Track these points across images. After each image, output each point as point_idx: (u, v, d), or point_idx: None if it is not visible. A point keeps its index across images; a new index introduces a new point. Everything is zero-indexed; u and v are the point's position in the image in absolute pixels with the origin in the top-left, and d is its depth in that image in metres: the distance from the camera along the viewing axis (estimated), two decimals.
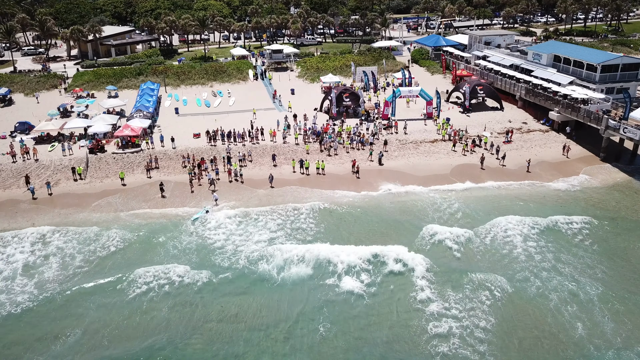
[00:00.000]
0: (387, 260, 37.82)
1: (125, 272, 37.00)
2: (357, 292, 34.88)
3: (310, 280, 36.30)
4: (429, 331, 31.51)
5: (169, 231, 42.63)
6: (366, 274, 36.78)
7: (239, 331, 31.99)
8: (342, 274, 36.67)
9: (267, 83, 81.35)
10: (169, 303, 34.37)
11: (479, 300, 33.99)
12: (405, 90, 66.51)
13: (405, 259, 37.78)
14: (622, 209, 46.24)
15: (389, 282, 36.05)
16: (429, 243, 40.46)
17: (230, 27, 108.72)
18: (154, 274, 36.67)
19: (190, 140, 58.68)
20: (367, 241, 40.60)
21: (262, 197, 48.45)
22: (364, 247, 39.36)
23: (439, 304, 33.64)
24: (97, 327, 32.34)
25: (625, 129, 52.49)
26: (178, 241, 41.21)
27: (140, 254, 39.73)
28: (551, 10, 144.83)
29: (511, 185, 50.61)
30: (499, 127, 63.84)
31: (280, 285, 35.95)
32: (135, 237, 41.74)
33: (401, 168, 54.15)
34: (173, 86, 79.65)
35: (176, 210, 46.27)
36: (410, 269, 36.98)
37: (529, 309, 33.39)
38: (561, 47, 75.06)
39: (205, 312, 33.63)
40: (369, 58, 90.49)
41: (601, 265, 37.84)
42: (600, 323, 32.09)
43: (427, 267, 37.03)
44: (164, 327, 32.31)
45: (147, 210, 46.13)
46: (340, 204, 46.37)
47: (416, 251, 38.84)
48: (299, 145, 57.81)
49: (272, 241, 40.89)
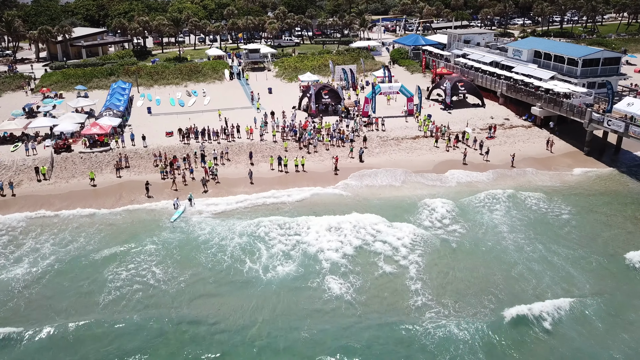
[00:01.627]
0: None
1: (100, 272, 34.99)
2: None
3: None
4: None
5: (148, 229, 40.52)
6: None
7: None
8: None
9: (244, 83, 79.13)
10: (143, 304, 32.02)
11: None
12: (385, 87, 64.90)
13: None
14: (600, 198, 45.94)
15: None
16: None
17: (206, 28, 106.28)
18: (127, 276, 34.42)
19: (162, 139, 56.07)
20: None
21: (238, 195, 46.33)
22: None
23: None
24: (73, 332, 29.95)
25: (609, 122, 51.55)
26: (158, 239, 39.05)
27: (117, 252, 37.54)
28: (527, 14, 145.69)
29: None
30: (481, 123, 62.59)
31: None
32: (111, 235, 39.60)
33: (383, 164, 52.37)
34: (146, 86, 76.88)
35: (154, 205, 44.52)
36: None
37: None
38: (541, 42, 74.53)
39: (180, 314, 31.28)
40: (348, 58, 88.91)
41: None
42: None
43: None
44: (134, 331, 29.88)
45: (124, 208, 44.11)
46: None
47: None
48: (277, 143, 55.64)
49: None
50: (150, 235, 39.48)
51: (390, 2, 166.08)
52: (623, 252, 36.79)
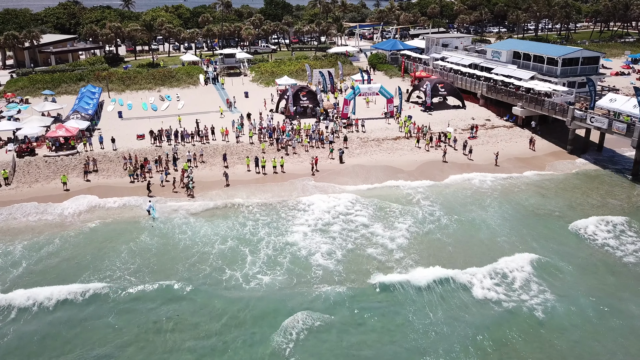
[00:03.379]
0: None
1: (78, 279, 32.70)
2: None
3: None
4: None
5: (124, 234, 38.11)
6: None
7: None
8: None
9: (220, 87, 77.02)
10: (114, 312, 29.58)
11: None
12: (365, 88, 63.41)
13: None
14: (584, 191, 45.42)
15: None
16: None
17: (180, 35, 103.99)
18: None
19: (133, 142, 53.50)
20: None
21: (214, 197, 44.03)
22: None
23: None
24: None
25: (592, 119, 50.76)
26: (135, 245, 36.56)
27: (93, 259, 34.91)
28: (502, 22, 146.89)
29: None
30: (463, 124, 61.50)
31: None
32: (87, 240, 37.16)
33: (365, 165, 50.65)
34: (117, 91, 74.15)
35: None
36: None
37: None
38: (520, 43, 74.22)
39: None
40: (325, 63, 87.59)
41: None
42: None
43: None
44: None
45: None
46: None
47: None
48: (254, 145, 53.54)
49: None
50: (127, 241, 36.92)
51: (366, 12, 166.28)
52: (572, 221, 39.83)
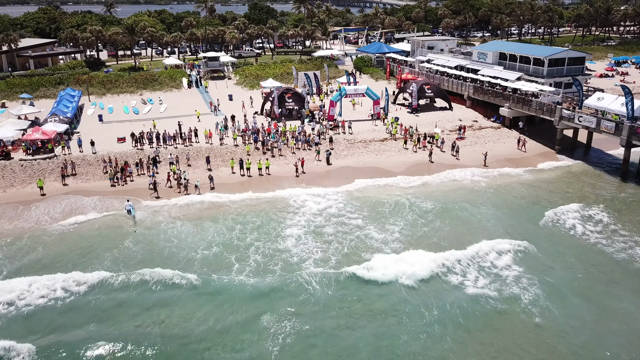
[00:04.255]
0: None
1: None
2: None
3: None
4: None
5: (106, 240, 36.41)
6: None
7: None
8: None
9: (203, 90, 75.67)
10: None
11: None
12: (351, 89, 62.57)
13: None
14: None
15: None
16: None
17: (163, 39, 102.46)
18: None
19: (113, 145, 51.97)
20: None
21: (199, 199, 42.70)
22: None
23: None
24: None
25: (580, 118, 50.36)
26: (119, 251, 34.88)
27: (74, 266, 33.07)
28: (486, 27, 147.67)
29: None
30: (450, 125, 60.88)
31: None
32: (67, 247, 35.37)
33: (352, 166, 49.66)
34: (98, 95, 72.47)
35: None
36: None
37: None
38: (506, 45, 74.06)
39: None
40: (311, 66, 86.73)
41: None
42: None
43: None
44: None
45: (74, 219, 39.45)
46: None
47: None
48: (239, 147, 52.28)
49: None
50: (110, 247, 35.29)
51: (351, 17, 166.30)
52: (545, 210, 40.47)
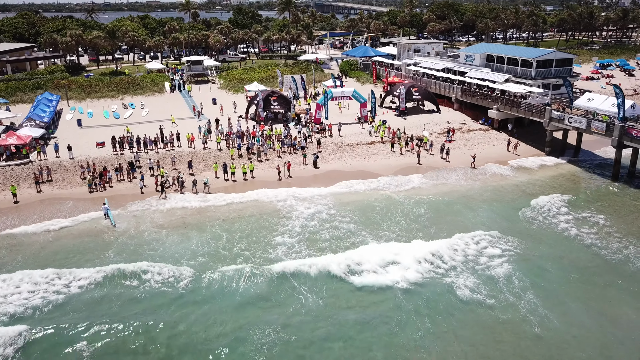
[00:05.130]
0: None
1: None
2: None
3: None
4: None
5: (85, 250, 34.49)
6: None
7: None
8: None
9: (186, 95, 73.96)
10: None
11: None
12: (337, 92, 61.37)
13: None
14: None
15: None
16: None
17: (146, 43, 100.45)
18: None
19: (92, 150, 50.08)
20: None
21: (183, 205, 40.94)
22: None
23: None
24: None
25: (570, 119, 49.65)
26: (101, 261, 32.90)
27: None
28: (471, 32, 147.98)
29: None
30: (438, 128, 59.97)
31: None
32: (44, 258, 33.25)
33: (340, 170, 48.34)
34: (77, 99, 70.36)
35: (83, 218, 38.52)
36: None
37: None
38: (493, 47, 73.56)
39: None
40: (296, 70, 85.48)
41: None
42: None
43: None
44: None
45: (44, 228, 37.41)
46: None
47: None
48: (222, 151, 50.71)
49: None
50: (91, 259, 33.38)
51: (336, 22, 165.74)
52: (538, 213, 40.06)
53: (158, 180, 43.63)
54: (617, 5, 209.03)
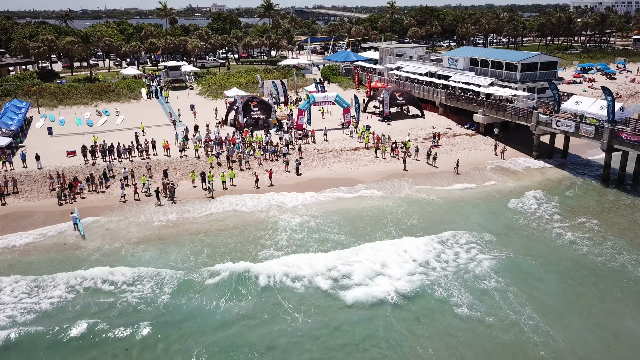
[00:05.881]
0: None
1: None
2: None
3: None
4: None
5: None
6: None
7: None
8: None
9: (163, 101, 71.56)
10: None
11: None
12: (320, 97, 59.67)
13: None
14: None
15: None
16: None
17: (122, 49, 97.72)
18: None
19: (62, 159, 47.54)
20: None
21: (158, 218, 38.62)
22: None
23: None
24: None
25: (558, 122, 48.60)
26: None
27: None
28: (451, 37, 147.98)
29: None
30: (423, 133, 58.60)
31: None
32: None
33: (324, 177, 46.48)
34: (49, 107, 67.53)
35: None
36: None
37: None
38: (477, 50, 72.69)
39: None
40: (277, 75, 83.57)
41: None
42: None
43: None
44: None
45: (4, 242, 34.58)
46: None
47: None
48: (200, 159, 48.52)
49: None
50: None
51: (316, 27, 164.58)
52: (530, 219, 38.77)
53: (138, 189, 41.45)
54: (592, 11, 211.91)
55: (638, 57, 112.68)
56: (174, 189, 41.42)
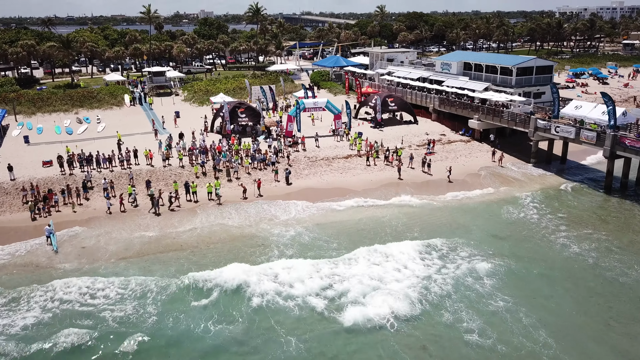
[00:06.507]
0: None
1: None
2: None
3: None
4: None
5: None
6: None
7: None
8: None
9: (147, 108, 68.98)
10: None
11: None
12: (309, 103, 57.51)
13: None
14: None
15: None
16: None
17: (105, 54, 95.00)
18: None
19: (38, 170, 44.84)
20: None
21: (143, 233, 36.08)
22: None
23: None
24: None
25: (557, 128, 46.88)
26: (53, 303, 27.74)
27: None
28: (441, 42, 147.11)
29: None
30: (417, 140, 56.66)
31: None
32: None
33: (315, 187, 44.24)
34: (26, 114, 64.66)
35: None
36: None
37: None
38: (470, 54, 71.09)
39: None
40: (265, 80, 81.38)
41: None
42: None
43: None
44: None
45: None
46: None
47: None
48: (185, 168, 46.07)
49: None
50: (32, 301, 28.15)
51: (305, 33, 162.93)
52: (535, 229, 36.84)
53: (124, 200, 38.98)
54: (578, 18, 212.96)
55: (629, 62, 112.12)
56: (160, 199, 39.05)
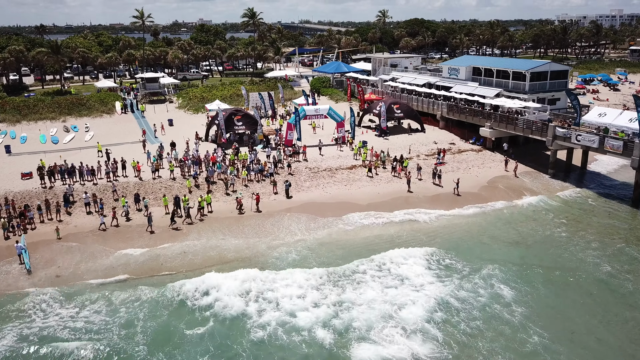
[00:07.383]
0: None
1: None
2: None
3: None
4: None
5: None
6: None
7: None
8: None
9: (139, 115, 65.47)
10: None
11: None
12: (311, 110, 54.00)
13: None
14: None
15: None
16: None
17: (97, 60, 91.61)
18: None
19: (15, 182, 41.22)
20: None
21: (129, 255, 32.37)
22: None
23: None
24: None
25: (578, 136, 43.38)
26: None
27: None
28: (443, 48, 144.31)
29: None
30: (425, 149, 53.21)
31: None
32: None
33: (317, 201, 40.59)
34: (11, 122, 61.06)
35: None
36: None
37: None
38: (479, 59, 67.81)
39: None
40: (263, 87, 77.99)
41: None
42: None
43: None
44: None
45: None
46: None
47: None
48: (176, 180, 42.45)
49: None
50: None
51: (303, 39, 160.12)
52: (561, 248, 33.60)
53: (115, 214, 35.61)
54: (577, 25, 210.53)
55: (637, 68, 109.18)
56: (189, 210, 36.03)
